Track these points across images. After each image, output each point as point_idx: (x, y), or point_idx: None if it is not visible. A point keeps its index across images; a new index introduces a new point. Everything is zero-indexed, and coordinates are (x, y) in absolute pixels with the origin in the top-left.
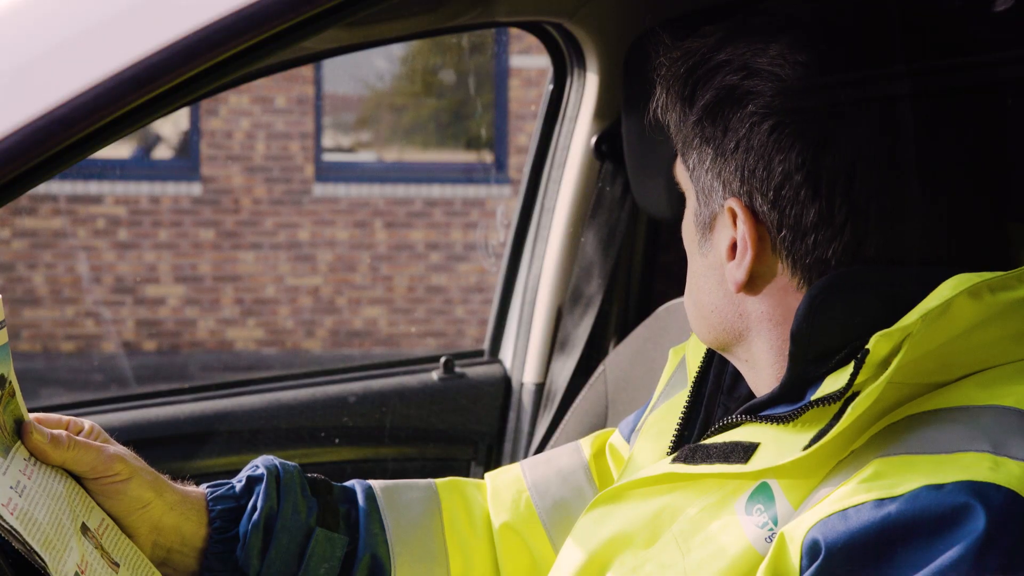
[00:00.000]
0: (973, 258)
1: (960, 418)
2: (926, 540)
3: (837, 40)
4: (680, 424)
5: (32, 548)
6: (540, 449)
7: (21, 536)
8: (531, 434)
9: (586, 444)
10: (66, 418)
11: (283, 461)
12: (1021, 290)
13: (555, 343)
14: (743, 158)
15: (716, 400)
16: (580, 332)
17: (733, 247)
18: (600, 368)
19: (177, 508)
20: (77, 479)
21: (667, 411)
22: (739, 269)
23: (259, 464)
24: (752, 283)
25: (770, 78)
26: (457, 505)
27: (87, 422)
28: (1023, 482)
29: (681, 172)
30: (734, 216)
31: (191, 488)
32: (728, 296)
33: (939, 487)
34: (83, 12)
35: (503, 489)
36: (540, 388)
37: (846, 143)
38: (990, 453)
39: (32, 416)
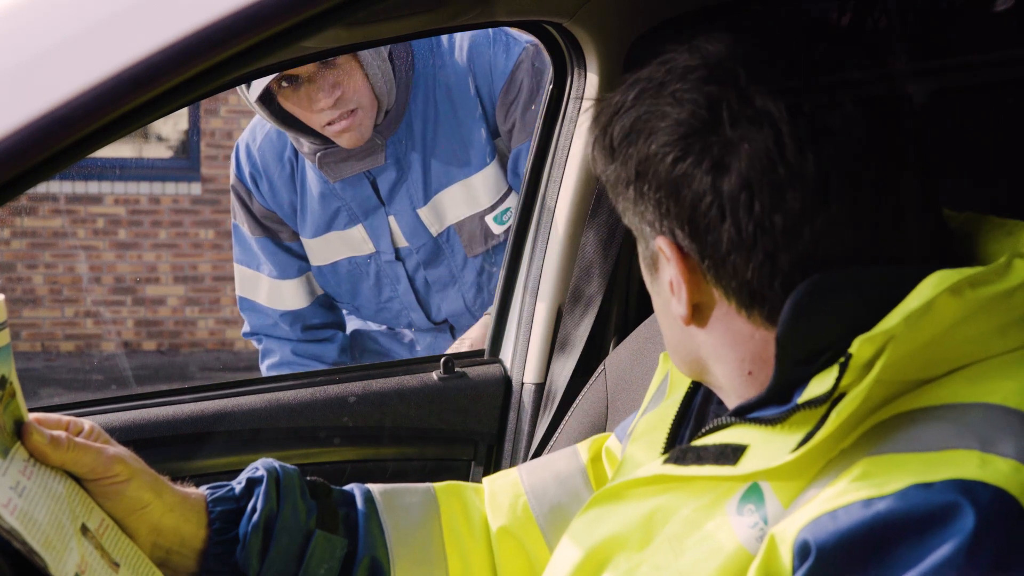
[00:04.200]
0: (925, 253)
1: (948, 416)
2: (916, 539)
3: (724, 74)
4: (672, 427)
5: (32, 548)
6: (540, 449)
7: (21, 536)
8: (531, 434)
9: (583, 448)
10: (66, 419)
11: (283, 464)
12: (1000, 284)
13: (555, 343)
14: (656, 196)
15: (707, 408)
16: (580, 332)
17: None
18: (600, 368)
19: (177, 509)
20: (77, 480)
21: (658, 415)
22: (680, 304)
23: (259, 466)
24: (698, 314)
25: (666, 117)
26: (455, 509)
27: (87, 423)
28: (1010, 479)
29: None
30: (665, 254)
31: (191, 490)
32: (683, 331)
33: (928, 485)
34: (83, 12)
35: (500, 493)
36: (540, 388)
37: (738, 164)
38: (978, 451)
39: (32, 417)
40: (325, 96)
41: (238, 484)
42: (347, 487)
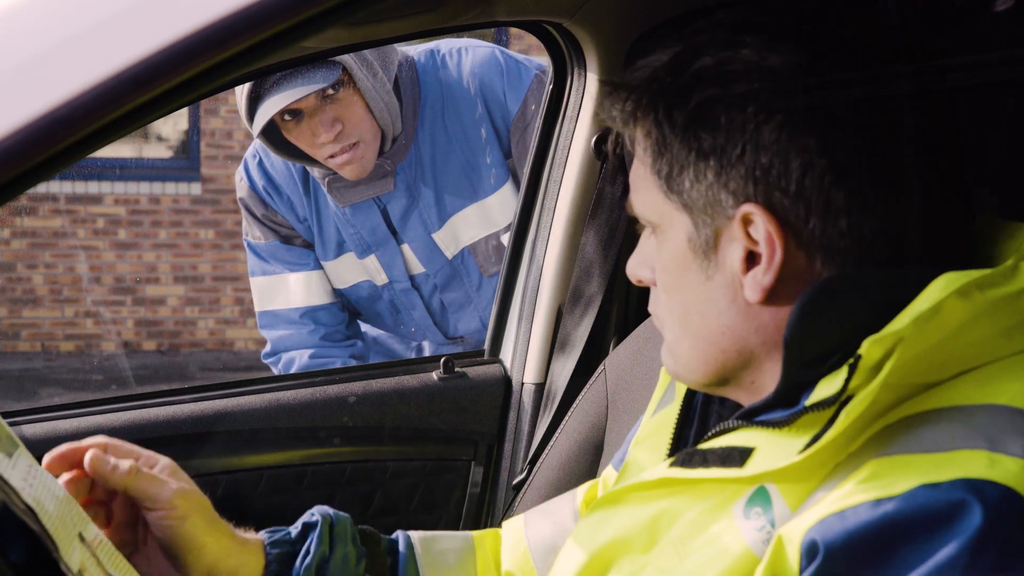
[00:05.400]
0: (944, 254)
1: (956, 417)
2: (924, 538)
3: (807, 36)
4: (675, 431)
5: (47, 530)
6: (540, 449)
7: (38, 517)
8: (531, 434)
9: (580, 491)
10: (139, 450)
11: (336, 511)
12: (1008, 286)
13: (555, 343)
14: (753, 160)
15: (709, 409)
16: (580, 332)
17: (747, 257)
18: (600, 368)
19: (234, 555)
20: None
21: (662, 419)
22: (767, 274)
23: (315, 512)
24: (775, 288)
25: (758, 78)
26: (489, 554)
27: (163, 459)
28: (1019, 479)
29: (657, 203)
30: (746, 223)
31: (249, 535)
32: (742, 313)
33: (936, 485)
34: (83, 12)
35: (509, 533)
36: (540, 388)
37: (857, 124)
38: (986, 450)
39: (105, 442)
40: (326, 131)
41: (294, 528)
42: (392, 536)
